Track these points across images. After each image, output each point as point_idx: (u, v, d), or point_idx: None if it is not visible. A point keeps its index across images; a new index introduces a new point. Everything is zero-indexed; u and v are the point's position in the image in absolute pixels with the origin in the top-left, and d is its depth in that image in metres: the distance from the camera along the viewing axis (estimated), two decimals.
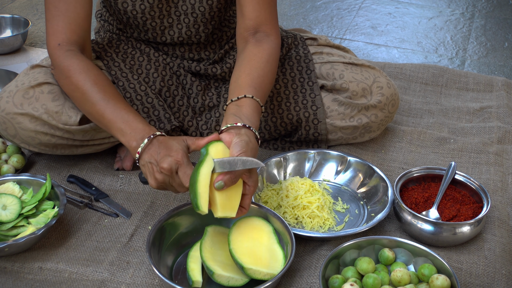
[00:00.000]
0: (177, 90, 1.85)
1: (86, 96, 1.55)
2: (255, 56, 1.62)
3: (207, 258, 1.42)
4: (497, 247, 1.58)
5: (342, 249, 1.47)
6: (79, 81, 1.56)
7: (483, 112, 2.18)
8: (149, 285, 1.46)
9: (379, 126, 1.88)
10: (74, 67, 1.57)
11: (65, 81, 1.60)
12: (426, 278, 1.42)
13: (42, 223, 1.54)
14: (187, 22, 1.76)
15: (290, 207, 1.65)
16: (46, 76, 1.70)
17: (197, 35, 1.80)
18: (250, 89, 1.55)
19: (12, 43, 2.56)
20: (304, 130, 1.85)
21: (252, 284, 1.41)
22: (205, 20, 1.77)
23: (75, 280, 1.48)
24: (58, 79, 1.64)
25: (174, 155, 1.39)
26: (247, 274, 1.39)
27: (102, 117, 1.53)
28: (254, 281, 1.42)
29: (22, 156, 1.82)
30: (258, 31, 1.66)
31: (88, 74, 1.57)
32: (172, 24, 1.77)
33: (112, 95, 1.55)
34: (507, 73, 2.64)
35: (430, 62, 2.74)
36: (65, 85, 1.61)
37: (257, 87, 1.56)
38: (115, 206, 1.69)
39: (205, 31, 1.80)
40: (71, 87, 1.59)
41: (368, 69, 1.88)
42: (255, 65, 1.61)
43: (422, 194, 1.66)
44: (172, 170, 1.39)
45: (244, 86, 1.56)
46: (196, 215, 1.55)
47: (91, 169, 1.82)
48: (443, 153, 1.96)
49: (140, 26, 1.77)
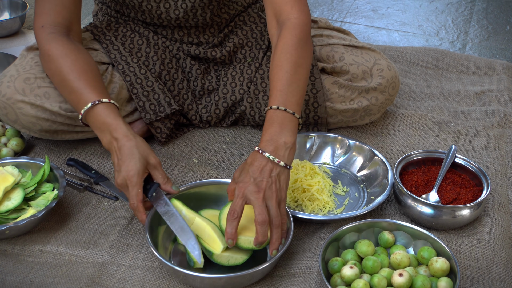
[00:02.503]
0: (176, 74, 1.85)
1: (64, 82, 1.56)
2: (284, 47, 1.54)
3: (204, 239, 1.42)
4: (497, 230, 1.58)
5: (341, 232, 1.47)
6: (57, 67, 1.57)
7: (484, 96, 2.17)
8: (149, 267, 1.47)
9: (379, 109, 1.87)
10: (54, 52, 1.58)
11: (46, 65, 1.61)
12: (426, 261, 1.42)
13: (42, 205, 1.54)
14: (185, 7, 1.75)
15: (290, 190, 1.65)
16: None
17: (194, 18, 1.79)
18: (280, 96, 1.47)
19: (10, 26, 2.55)
20: (304, 113, 1.85)
21: (252, 263, 1.42)
22: (202, 4, 1.76)
23: (75, 262, 1.48)
24: (41, 61, 1.64)
25: (127, 170, 1.42)
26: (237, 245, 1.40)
27: (76, 107, 1.54)
28: (253, 260, 1.43)
29: (21, 139, 1.82)
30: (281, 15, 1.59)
31: (67, 60, 1.56)
32: (169, 10, 1.75)
33: (88, 82, 1.54)
34: (508, 57, 2.63)
35: (431, 45, 2.72)
36: (46, 69, 1.62)
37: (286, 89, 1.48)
38: (115, 189, 1.69)
39: (202, 15, 1.78)
40: (50, 72, 1.60)
41: (368, 52, 1.87)
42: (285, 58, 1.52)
43: (422, 177, 1.66)
44: (124, 187, 1.43)
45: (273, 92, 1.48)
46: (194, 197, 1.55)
47: (90, 153, 1.82)
48: (443, 136, 1.95)
49: (136, 6, 1.76)
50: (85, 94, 1.52)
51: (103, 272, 1.46)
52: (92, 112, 1.50)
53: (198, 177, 1.72)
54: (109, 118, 1.49)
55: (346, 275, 1.37)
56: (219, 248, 1.40)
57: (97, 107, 1.50)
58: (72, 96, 1.55)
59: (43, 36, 1.60)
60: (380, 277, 1.37)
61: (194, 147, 1.87)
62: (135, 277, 1.44)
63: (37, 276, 1.44)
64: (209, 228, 1.42)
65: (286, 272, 1.46)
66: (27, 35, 2.61)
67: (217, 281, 1.37)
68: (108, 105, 1.51)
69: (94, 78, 1.57)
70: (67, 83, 1.55)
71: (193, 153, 1.85)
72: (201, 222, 1.44)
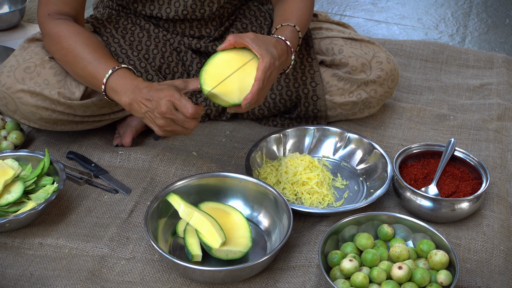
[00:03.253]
0: (177, 67, 1.84)
1: (78, 58, 1.58)
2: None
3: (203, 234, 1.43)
4: (496, 223, 1.58)
5: (341, 225, 1.47)
6: (70, 45, 1.59)
7: (483, 89, 2.17)
8: (149, 261, 1.47)
9: (379, 102, 1.87)
10: (65, 32, 1.60)
11: (55, 47, 1.62)
12: (425, 254, 1.43)
13: (42, 198, 1.54)
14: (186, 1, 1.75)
15: (289, 183, 1.65)
16: (46, 51, 1.69)
17: (201, 9, 1.78)
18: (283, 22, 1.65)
19: (10, 19, 2.54)
20: (303, 106, 1.85)
21: (250, 257, 1.43)
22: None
23: (75, 255, 1.48)
24: (48, 46, 1.65)
25: (166, 95, 1.43)
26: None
27: (95, 78, 1.56)
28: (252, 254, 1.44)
29: (21, 133, 1.82)
30: None
31: (79, 37, 1.60)
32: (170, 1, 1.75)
33: (103, 55, 1.58)
34: (507, 50, 2.63)
35: (430, 38, 2.72)
36: (56, 51, 1.63)
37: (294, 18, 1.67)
38: (115, 182, 1.69)
39: (209, 5, 1.77)
40: (62, 52, 1.61)
41: (367, 44, 1.87)
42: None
43: (421, 171, 1.66)
44: (170, 110, 1.43)
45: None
46: (193, 190, 1.55)
47: (90, 146, 1.82)
48: (442, 129, 1.96)
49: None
50: (103, 63, 1.56)
51: (103, 265, 1.46)
52: (115, 75, 1.53)
53: (198, 170, 1.72)
54: (132, 77, 1.54)
55: (346, 268, 1.37)
56: (217, 242, 1.40)
57: (119, 71, 1.54)
58: (88, 68, 1.57)
59: (50, 21, 1.62)
60: (380, 270, 1.37)
61: (193, 141, 1.87)
62: (135, 270, 1.45)
63: (37, 269, 1.44)
64: (208, 223, 1.42)
65: (285, 265, 1.47)
66: (26, 28, 2.60)
67: (216, 274, 1.37)
68: (128, 69, 1.56)
69: (108, 52, 1.62)
70: (83, 56, 1.57)
71: (193, 146, 1.85)
72: (199, 216, 1.44)
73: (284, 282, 1.42)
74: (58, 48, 1.61)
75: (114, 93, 1.54)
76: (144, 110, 1.48)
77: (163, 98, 1.43)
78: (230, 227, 1.47)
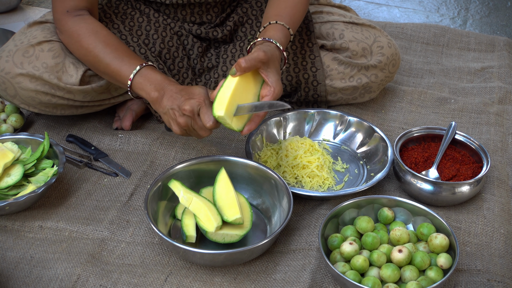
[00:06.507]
0: (177, 52, 1.83)
1: (99, 58, 1.58)
2: None
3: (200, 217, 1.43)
4: (496, 207, 1.58)
5: (341, 208, 1.47)
6: (89, 44, 1.59)
7: (484, 72, 2.16)
8: (149, 244, 1.47)
9: (379, 87, 1.87)
10: (83, 31, 1.60)
11: (75, 45, 1.62)
12: (425, 237, 1.43)
13: (42, 181, 1.54)
14: None
15: (289, 167, 1.65)
16: (45, 33, 1.68)
17: None
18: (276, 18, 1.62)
19: (8, 2, 2.53)
20: (304, 91, 1.84)
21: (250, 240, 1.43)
22: None
23: (75, 238, 1.48)
24: (68, 43, 1.65)
25: (196, 97, 1.44)
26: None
27: (119, 75, 1.56)
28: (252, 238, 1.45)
29: (20, 116, 1.81)
30: None
31: (98, 36, 1.59)
32: None
33: (124, 52, 1.58)
34: (509, 33, 2.62)
35: (431, 21, 2.71)
36: (76, 50, 1.63)
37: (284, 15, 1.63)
38: (115, 165, 1.69)
39: None
40: (82, 51, 1.61)
41: (368, 29, 1.86)
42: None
43: (422, 154, 1.66)
44: (194, 112, 1.43)
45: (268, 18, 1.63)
46: (193, 174, 1.55)
47: (90, 129, 1.82)
48: (443, 113, 1.95)
49: None
50: (126, 61, 1.56)
51: (103, 248, 1.46)
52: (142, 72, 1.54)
53: (198, 153, 1.72)
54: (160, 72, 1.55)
55: (346, 251, 1.37)
56: (212, 226, 1.40)
57: (145, 68, 1.55)
58: (112, 66, 1.57)
59: (69, 19, 1.61)
60: (380, 253, 1.37)
61: None
62: (135, 253, 1.45)
63: (37, 252, 1.45)
64: (205, 208, 1.43)
65: (285, 248, 1.47)
66: (25, 10, 2.59)
67: (217, 257, 1.37)
68: (153, 67, 1.57)
69: (128, 49, 1.62)
70: (106, 55, 1.58)
71: None
72: (198, 202, 1.44)
73: (284, 265, 1.43)
74: (77, 47, 1.61)
75: (140, 89, 1.54)
76: (169, 105, 1.46)
77: (194, 98, 1.44)
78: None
